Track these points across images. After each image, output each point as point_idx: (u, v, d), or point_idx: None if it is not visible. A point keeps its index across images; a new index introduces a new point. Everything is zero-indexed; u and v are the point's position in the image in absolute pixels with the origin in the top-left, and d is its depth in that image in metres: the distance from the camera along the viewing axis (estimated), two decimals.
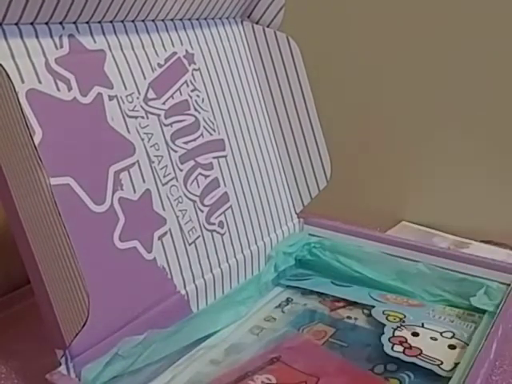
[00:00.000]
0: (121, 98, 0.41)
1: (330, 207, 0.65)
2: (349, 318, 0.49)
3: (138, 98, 0.43)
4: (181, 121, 0.46)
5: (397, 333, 0.44)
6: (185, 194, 0.45)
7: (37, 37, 0.37)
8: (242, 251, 0.50)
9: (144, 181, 0.42)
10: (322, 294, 0.52)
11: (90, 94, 0.39)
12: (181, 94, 0.46)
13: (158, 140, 0.44)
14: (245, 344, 0.45)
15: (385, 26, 0.67)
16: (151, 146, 0.43)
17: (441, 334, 0.45)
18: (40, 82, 0.36)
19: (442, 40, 0.64)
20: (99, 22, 0.41)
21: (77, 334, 0.34)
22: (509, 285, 0.48)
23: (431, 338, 0.44)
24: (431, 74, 0.65)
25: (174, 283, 0.43)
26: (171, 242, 0.43)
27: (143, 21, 0.44)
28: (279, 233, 0.55)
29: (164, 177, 0.44)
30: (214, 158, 0.49)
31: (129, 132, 0.41)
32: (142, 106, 0.43)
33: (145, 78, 0.44)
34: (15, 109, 0.32)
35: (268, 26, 0.54)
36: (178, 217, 0.44)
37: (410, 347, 0.42)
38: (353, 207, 0.72)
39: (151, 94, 0.44)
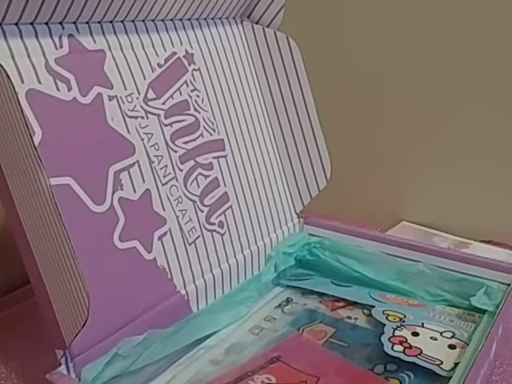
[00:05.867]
0: (121, 98, 0.41)
1: (330, 207, 0.65)
2: (349, 317, 0.49)
3: (137, 98, 0.43)
4: (181, 121, 0.46)
5: (397, 332, 0.44)
6: (185, 194, 0.45)
7: (37, 37, 0.37)
8: (242, 251, 0.50)
9: (144, 181, 0.42)
10: (322, 294, 0.52)
11: (90, 94, 0.39)
12: (181, 94, 0.46)
13: (158, 140, 0.44)
14: (245, 344, 0.45)
15: (385, 25, 0.67)
16: (151, 146, 0.43)
17: (441, 333, 0.45)
18: (40, 82, 0.36)
19: (442, 39, 0.64)
20: (99, 22, 0.41)
21: (77, 334, 0.34)
22: (509, 285, 0.48)
23: (431, 337, 0.44)
24: (431, 74, 0.65)
25: (173, 283, 0.43)
26: (171, 242, 0.43)
27: (143, 21, 0.44)
28: (279, 233, 0.55)
29: (164, 177, 0.44)
30: (214, 158, 0.49)
31: (129, 132, 0.42)
32: (141, 106, 0.43)
33: (144, 78, 0.44)
34: (15, 109, 0.32)
35: (268, 26, 0.54)
36: (177, 217, 0.44)
37: (410, 347, 0.42)
38: (353, 207, 0.72)
39: (151, 94, 0.44)
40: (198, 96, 0.48)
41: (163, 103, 0.45)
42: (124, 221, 0.40)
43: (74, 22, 0.39)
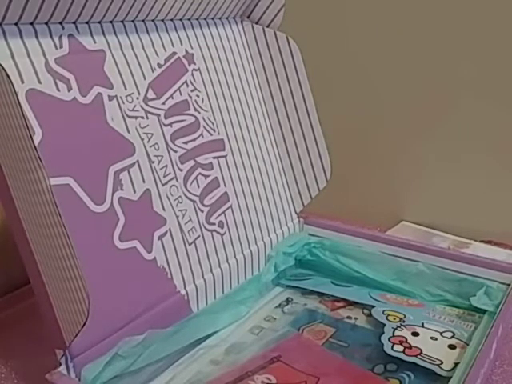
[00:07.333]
0: (121, 98, 0.41)
1: (330, 207, 0.65)
2: (349, 317, 0.49)
3: (137, 98, 0.43)
4: (181, 121, 0.46)
5: (397, 332, 0.44)
6: (185, 194, 0.45)
7: (37, 37, 0.37)
8: (242, 251, 0.50)
9: (144, 181, 0.42)
10: (322, 294, 0.52)
11: (90, 94, 0.39)
12: (181, 94, 0.46)
13: (158, 140, 0.44)
14: (245, 344, 0.45)
15: (384, 25, 0.67)
16: (151, 146, 0.43)
17: (441, 333, 0.45)
18: (40, 82, 0.36)
19: (441, 39, 0.64)
20: (99, 22, 0.41)
21: (77, 334, 0.34)
22: (509, 285, 0.48)
23: (431, 337, 0.44)
24: (430, 73, 0.65)
25: (173, 283, 0.43)
26: (171, 242, 0.43)
27: (143, 21, 0.44)
28: (279, 233, 0.55)
29: (164, 177, 0.44)
30: (214, 158, 0.49)
31: (129, 132, 0.41)
32: (141, 106, 0.43)
33: (144, 78, 0.44)
34: (15, 109, 0.32)
35: (268, 26, 0.54)
36: (177, 217, 0.44)
37: (410, 347, 0.42)
38: (353, 207, 0.72)
39: (151, 94, 0.44)
40: (198, 96, 0.48)
41: (163, 103, 0.45)
42: (124, 221, 0.40)
43: (74, 22, 0.39)
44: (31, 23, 0.37)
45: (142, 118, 0.43)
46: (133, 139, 0.42)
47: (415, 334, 0.44)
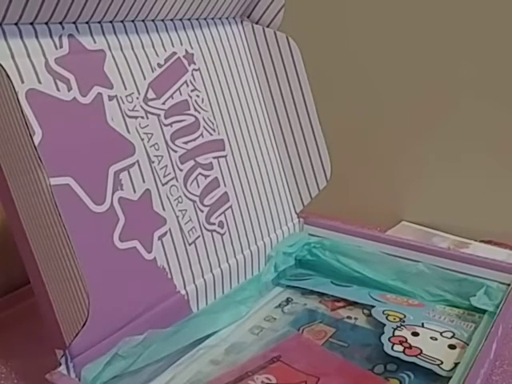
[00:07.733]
0: (121, 98, 0.41)
1: (330, 207, 0.65)
2: (349, 318, 0.49)
3: (137, 98, 0.43)
4: (181, 121, 0.46)
5: (397, 332, 0.44)
6: (185, 194, 0.45)
7: (36, 37, 0.37)
8: (242, 251, 0.50)
9: (144, 181, 0.42)
10: (322, 294, 0.52)
11: (90, 94, 0.39)
12: (181, 94, 0.46)
13: (158, 140, 0.44)
14: (245, 344, 0.45)
15: (384, 26, 0.67)
16: (151, 146, 0.43)
17: (441, 333, 0.45)
18: (40, 81, 0.36)
19: (441, 39, 0.64)
20: (99, 22, 0.41)
21: (77, 334, 0.34)
22: (509, 285, 0.48)
23: (431, 337, 0.44)
24: (430, 73, 0.65)
25: (173, 283, 0.43)
26: (171, 242, 0.43)
27: (143, 21, 0.44)
28: (279, 233, 0.55)
29: (164, 177, 0.44)
30: (214, 158, 0.49)
31: (129, 132, 0.42)
32: (141, 106, 0.43)
33: (144, 78, 0.44)
34: (15, 109, 0.32)
35: (268, 26, 0.54)
36: (177, 217, 0.44)
37: (410, 347, 0.42)
38: (353, 207, 0.72)
39: (151, 94, 0.44)
40: (198, 96, 0.48)
41: (163, 103, 0.45)
42: (124, 221, 0.40)
43: (74, 22, 0.39)
44: (31, 23, 0.37)
45: (142, 117, 0.43)
46: (133, 139, 0.42)
47: (415, 334, 0.44)
